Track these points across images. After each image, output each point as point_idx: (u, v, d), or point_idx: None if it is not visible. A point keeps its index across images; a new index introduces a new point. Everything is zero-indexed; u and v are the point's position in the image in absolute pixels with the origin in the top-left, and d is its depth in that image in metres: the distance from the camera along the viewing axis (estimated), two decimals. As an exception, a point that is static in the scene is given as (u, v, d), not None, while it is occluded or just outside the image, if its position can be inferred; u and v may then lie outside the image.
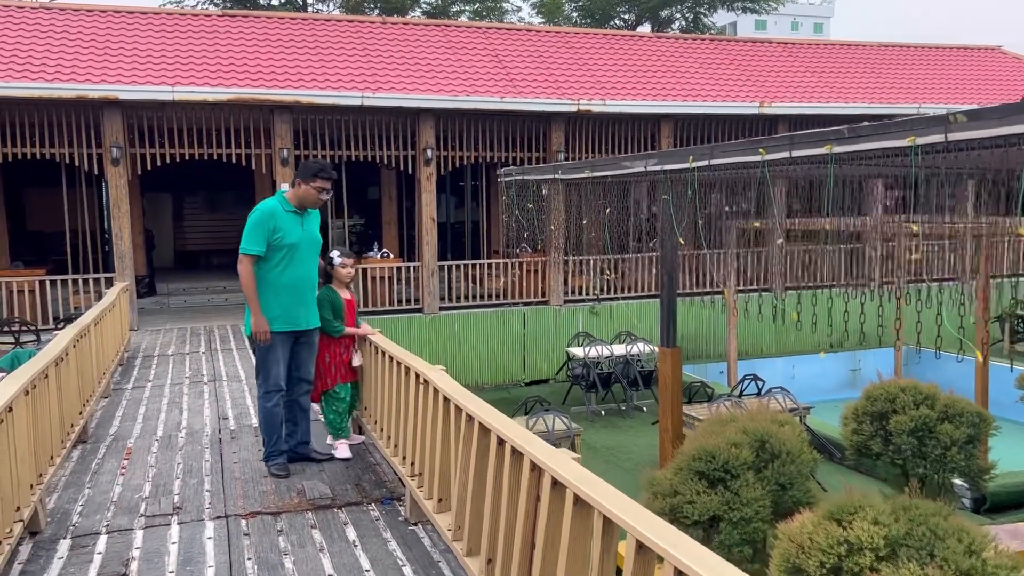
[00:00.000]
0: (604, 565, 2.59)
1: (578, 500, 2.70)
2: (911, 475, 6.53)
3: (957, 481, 7.60)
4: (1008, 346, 15.36)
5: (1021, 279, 13.99)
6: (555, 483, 2.87)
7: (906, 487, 5.40)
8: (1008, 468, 8.85)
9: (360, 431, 6.22)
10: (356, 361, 5.83)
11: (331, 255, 5.62)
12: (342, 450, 5.74)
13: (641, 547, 2.33)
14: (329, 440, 5.89)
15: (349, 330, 5.74)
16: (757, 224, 5.67)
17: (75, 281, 12.35)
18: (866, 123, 3.72)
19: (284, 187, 8.93)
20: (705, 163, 4.81)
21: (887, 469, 7.31)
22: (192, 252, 19.79)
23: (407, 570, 4.03)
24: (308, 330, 5.41)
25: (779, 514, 5.13)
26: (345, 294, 5.71)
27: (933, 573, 3.69)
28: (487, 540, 3.49)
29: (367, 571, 4.01)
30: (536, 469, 3.05)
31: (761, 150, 4.25)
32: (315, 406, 5.99)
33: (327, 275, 5.65)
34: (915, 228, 4.12)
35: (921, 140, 3.34)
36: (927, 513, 3.97)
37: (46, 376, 4.98)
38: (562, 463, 2.88)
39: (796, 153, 4.05)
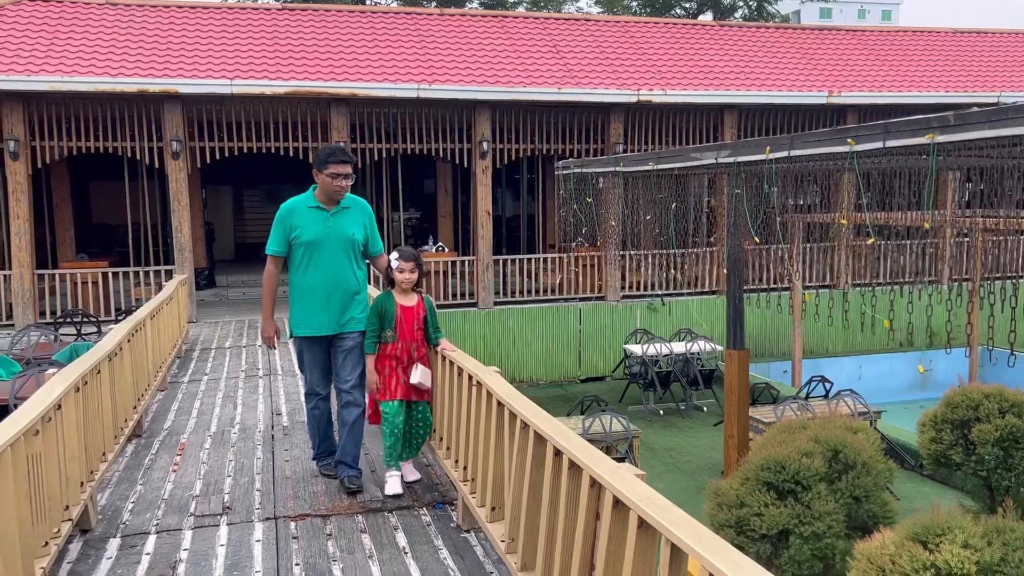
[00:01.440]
0: (672, 597, 2.36)
1: (642, 523, 2.48)
2: (995, 488, 6.11)
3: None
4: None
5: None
6: (617, 502, 2.64)
7: (999, 505, 5.02)
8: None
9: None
10: (415, 378, 4.93)
11: (389, 257, 4.97)
12: (391, 483, 4.95)
13: (715, 582, 2.10)
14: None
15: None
16: (844, 221, 5.32)
17: (136, 273, 12.53)
18: (975, 109, 3.36)
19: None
20: (784, 154, 4.47)
21: (966, 480, 6.88)
22: (252, 245, 20.00)
23: (458, 582, 3.85)
24: (340, 336, 4.93)
25: (853, 529, 4.82)
26: (406, 301, 4.96)
27: (1032, 604, 3.36)
28: (543, 556, 3.29)
29: (417, 581, 3.85)
30: (596, 485, 2.83)
31: (850, 140, 3.90)
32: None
33: (391, 279, 4.99)
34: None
35: (1042, 126, 2.99)
36: (1023, 536, 3.62)
37: (98, 372, 4.94)
38: (625, 481, 2.65)
39: (891, 143, 3.69)
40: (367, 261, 5.18)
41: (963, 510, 4.92)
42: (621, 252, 13.57)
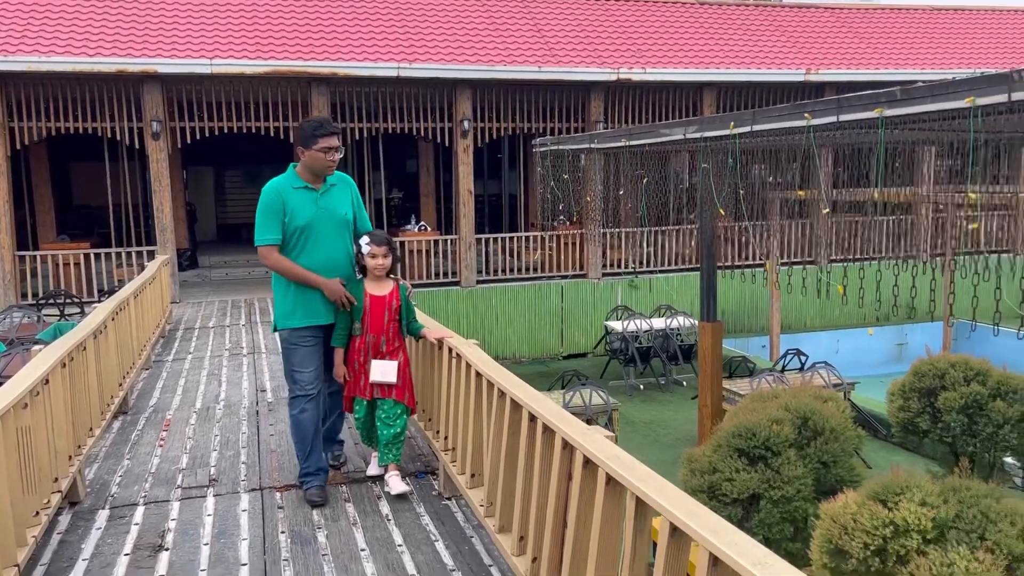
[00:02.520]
0: (637, 547, 2.50)
1: (610, 480, 2.61)
2: (960, 454, 6.33)
3: (1009, 460, 7.36)
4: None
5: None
6: (587, 462, 2.78)
7: (955, 467, 5.21)
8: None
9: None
10: (372, 375, 4.48)
11: (359, 241, 4.53)
12: (373, 463, 4.80)
13: (676, 531, 2.24)
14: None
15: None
16: (801, 193, 5.46)
17: (119, 254, 12.53)
18: (920, 83, 3.50)
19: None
20: (747, 129, 4.60)
21: (935, 447, 7.11)
22: (234, 225, 19.97)
23: (439, 545, 3.99)
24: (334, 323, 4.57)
25: (821, 493, 5.00)
26: (377, 289, 4.52)
27: (984, 557, 3.53)
28: (519, 517, 3.43)
29: (399, 545, 3.98)
30: (568, 447, 2.97)
31: (807, 115, 4.04)
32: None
33: (363, 265, 4.55)
34: (972, 197, 3.91)
35: (982, 101, 3.12)
36: (978, 495, 3.80)
37: (84, 349, 5.01)
38: (594, 441, 2.79)
39: (844, 117, 3.83)
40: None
41: (927, 474, 5.11)
42: (602, 230, 13.72)
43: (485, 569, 3.75)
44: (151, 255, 12.26)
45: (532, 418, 3.29)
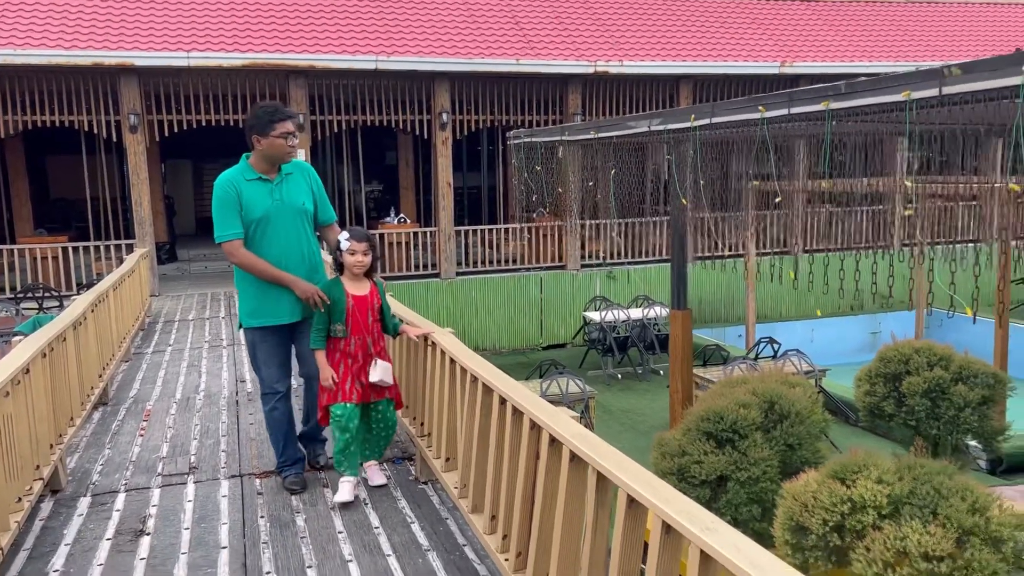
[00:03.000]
0: (598, 520, 2.63)
1: (574, 457, 2.74)
2: (924, 436, 6.52)
3: (973, 443, 7.57)
4: (1032, 308, 15.18)
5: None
6: (553, 440, 2.90)
7: (927, 453, 5.39)
8: (1028, 429, 8.82)
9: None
10: (375, 375, 4.31)
11: (339, 238, 4.31)
12: (342, 490, 4.34)
13: (632, 502, 2.37)
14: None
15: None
16: (756, 183, 5.61)
17: (97, 248, 12.51)
18: (863, 78, 3.65)
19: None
20: (707, 121, 4.75)
21: (901, 431, 7.30)
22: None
23: (415, 527, 4.11)
24: (305, 320, 4.38)
25: (787, 474, 5.15)
26: (358, 289, 4.31)
27: (935, 531, 3.70)
28: (491, 497, 3.55)
29: (376, 528, 4.09)
30: (535, 427, 3.09)
31: (761, 107, 4.19)
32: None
33: (340, 263, 4.35)
34: (908, 185, 4.06)
35: (916, 94, 3.28)
36: (931, 472, 3.97)
37: (64, 339, 5.08)
38: (560, 421, 2.91)
39: (795, 110, 3.99)
40: (318, 233, 4.61)
41: (889, 455, 5.27)
42: (580, 221, 13.85)
43: (459, 548, 3.88)
44: (130, 248, 12.25)
45: (503, 401, 3.41)
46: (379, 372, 4.33)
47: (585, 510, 2.68)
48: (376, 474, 4.61)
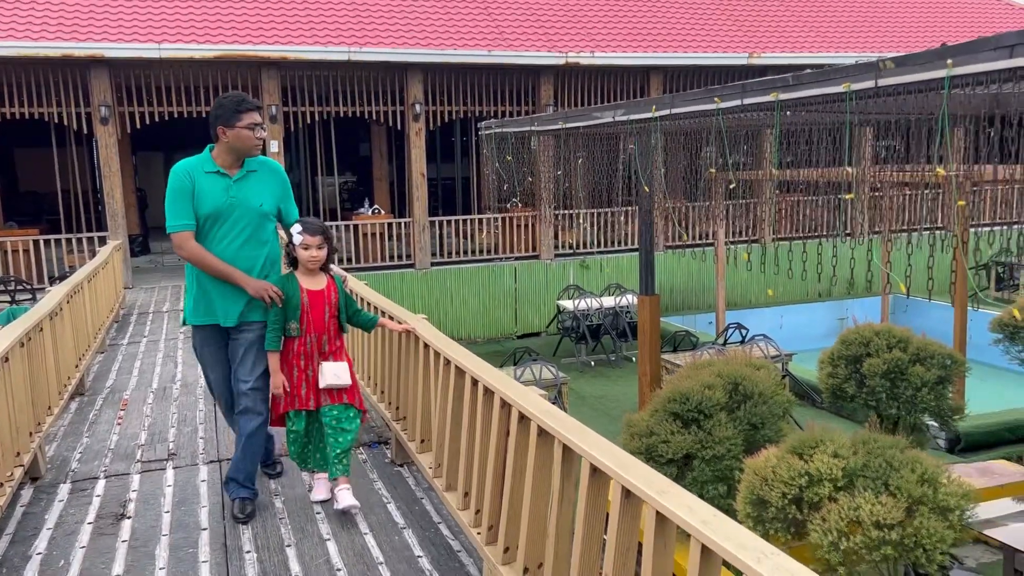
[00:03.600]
0: (564, 491, 2.78)
1: (542, 432, 2.89)
2: (885, 416, 6.74)
3: (932, 423, 7.83)
4: (992, 293, 15.58)
5: (1008, 228, 14.13)
6: (522, 417, 3.05)
7: (887, 432, 5.60)
8: (987, 410, 9.11)
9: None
10: (324, 380, 3.99)
11: (291, 231, 4.00)
12: (317, 487, 4.30)
13: (595, 471, 2.52)
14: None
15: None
16: (712, 171, 5.79)
17: (68, 240, 12.46)
18: (808, 71, 3.84)
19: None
20: (667, 112, 4.93)
21: (863, 412, 7.53)
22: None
23: (391, 507, 4.24)
24: (240, 327, 4.04)
25: (751, 452, 5.33)
26: (313, 284, 4.01)
27: (887, 501, 3.89)
28: (463, 475, 3.69)
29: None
30: (506, 406, 3.23)
31: (716, 99, 4.37)
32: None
33: (293, 258, 4.03)
34: (849, 172, 4.25)
35: (855, 86, 3.46)
36: (884, 446, 4.17)
37: (40, 329, 5.14)
38: (528, 398, 3.06)
39: (747, 100, 4.17)
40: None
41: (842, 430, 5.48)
42: (555, 212, 14.01)
43: (434, 525, 4.01)
44: (102, 241, 12.22)
45: (475, 382, 3.55)
46: (328, 376, 3.98)
47: (552, 482, 2.83)
48: (347, 495, 4.06)
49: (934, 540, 3.84)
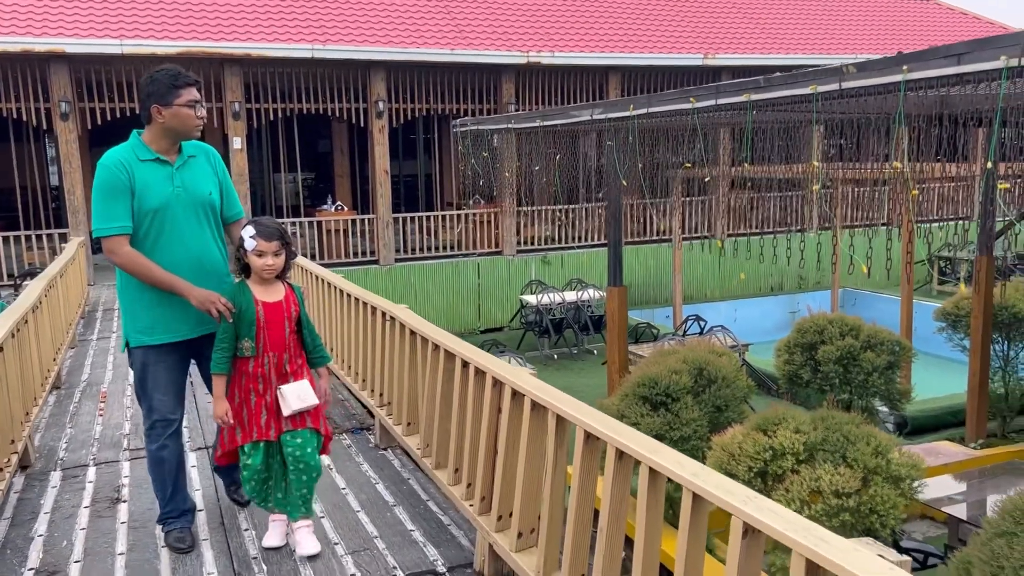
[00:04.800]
0: (558, 459, 3.02)
1: (535, 406, 3.12)
2: (838, 400, 7.13)
3: (883, 409, 8.26)
4: (936, 286, 16.27)
5: (951, 223, 14.78)
6: (515, 394, 3.27)
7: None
8: (931, 395, 9.61)
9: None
10: (289, 406, 3.41)
11: (242, 234, 3.37)
12: (271, 531, 3.67)
13: (589, 437, 2.76)
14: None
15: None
16: (688, 166, 6.10)
17: (28, 237, 12.32)
18: (778, 74, 4.17)
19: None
20: (644, 111, 5.23)
21: (817, 397, 7.92)
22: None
23: (380, 487, 4.43)
24: (210, 335, 3.48)
25: (716, 433, 5.64)
26: (269, 295, 3.41)
27: (844, 472, 4.22)
28: (454, 453, 3.90)
29: (343, 488, 4.40)
30: (498, 384, 3.45)
31: (692, 99, 4.68)
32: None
33: (244, 264, 3.40)
34: (815, 165, 4.58)
35: (822, 88, 3.79)
36: (841, 421, 4.49)
37: (26, 321, 5.21)
38: (521, 376, 3.29)
39: (721, 101, 4.49)
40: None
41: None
42: (517, 208, 14.30)
43: (422, 503, 4.22)
44: (63, 238, 12.12)
45: (465, 364, 3.76)
46: (293, 398, 3.42)
47: (546, 451, 3.07)
48: (310, 540, 3.57)
49: (887, 507, 4.18)
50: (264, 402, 3.43)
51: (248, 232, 3.33)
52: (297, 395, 3.43)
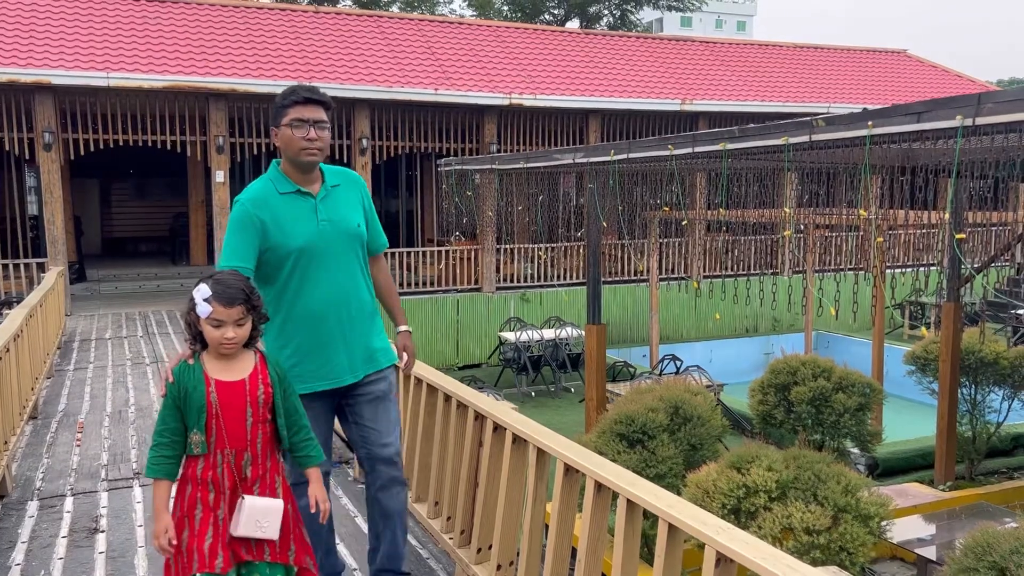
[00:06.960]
0: (538, 491, 3.10)
1: (516, 439, 3.21)
2: (810, 441, 7.25)
3: (854, 450, 8.40)
4: (907, 330, 16.56)
5: (923, 269, 15.12)
6: (497, 427, 3.36)
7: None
8: (901, 438, 9.77)
9: None
10: (239, 527, 2.47)
11: (193, 295, 2.51)
12: None
13: (569, 469, 2.85)
14: None
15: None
16: (667, 210, 6.28)
17: (5, 266, 12.26)
18: (752, 125, 4.37)
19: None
20: (624, 156, 5.41)
21: (789, 437, 8.05)
22: (120, 239, 19.60)
23: (359, 520, 4.47)
24: (367, 380, 3.18)
25: (691, 470, 5.73)
26: (228, 372, 2.54)
27: (815, 509, 4.32)
28: (434, 486, 3.97)
29: (323, 521, 4.43)
30: (480, 418, 3.54)
31: (670, 146, 4.87)
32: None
33: (197, 332, 2.54)
34: (787, 211, 4.76)
35: (793, 139, 3.98)
36: (812, 460, 4.61)
37: (8, 350, 5.22)
38: (502, 410, 3.38)
39: (698, 149, 4.67)
40: None
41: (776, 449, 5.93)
42: (497, 246, 14.45)
43: (402, 536, 4.26)
44: (40, 267, 12.07)
45: (447, 398, 3.85)
46: (245, 522, 2.48)
47: (526, 484, 3.15)
48: None
49: (856, 544, 4.28)
50: (214, 518, 2.47)
51: (201, 293, 2.48)
52: (255, 519, 2.48)
